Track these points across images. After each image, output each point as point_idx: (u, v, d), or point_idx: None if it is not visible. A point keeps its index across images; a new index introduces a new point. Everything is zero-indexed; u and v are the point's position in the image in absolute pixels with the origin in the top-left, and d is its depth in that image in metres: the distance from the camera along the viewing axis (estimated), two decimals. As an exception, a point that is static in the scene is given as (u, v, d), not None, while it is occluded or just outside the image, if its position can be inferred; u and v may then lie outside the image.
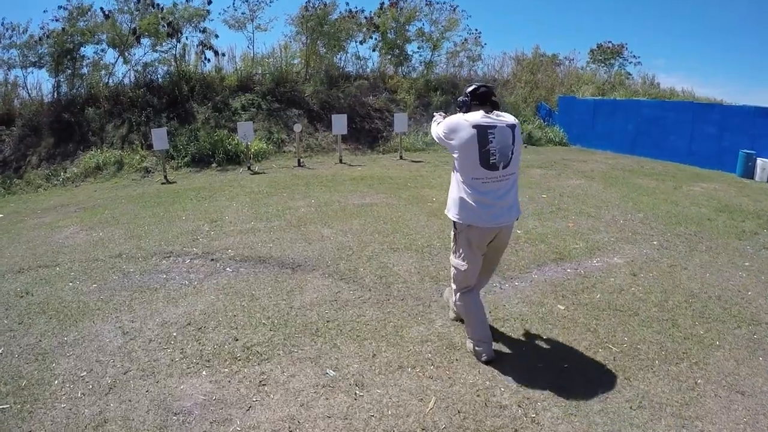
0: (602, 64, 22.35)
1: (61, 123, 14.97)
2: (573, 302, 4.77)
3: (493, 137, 3.23)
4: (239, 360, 3.81)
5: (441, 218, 7.19)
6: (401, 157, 13.28)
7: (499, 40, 43.76)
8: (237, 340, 4.10)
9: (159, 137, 11.75)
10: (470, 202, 3.33)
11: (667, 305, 4.71)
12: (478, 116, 3.30)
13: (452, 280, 3.78)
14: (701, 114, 14.09)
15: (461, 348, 3.89)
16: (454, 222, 3.52)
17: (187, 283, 5.38)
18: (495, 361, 3.67)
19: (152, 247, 6.61)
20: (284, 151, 13.95)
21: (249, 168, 12.37)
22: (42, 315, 4.75)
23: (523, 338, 4.10)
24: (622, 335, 4.12)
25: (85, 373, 3.72)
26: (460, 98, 3.50)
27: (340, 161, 12.92)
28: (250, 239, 6.70)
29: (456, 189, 3.45)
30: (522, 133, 15.21)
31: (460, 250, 3.55)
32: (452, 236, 3.64)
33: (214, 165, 12.97)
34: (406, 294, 4.93)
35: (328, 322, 4.37)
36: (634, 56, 22.25)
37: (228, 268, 5.72)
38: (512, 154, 3.33)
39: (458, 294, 3.74)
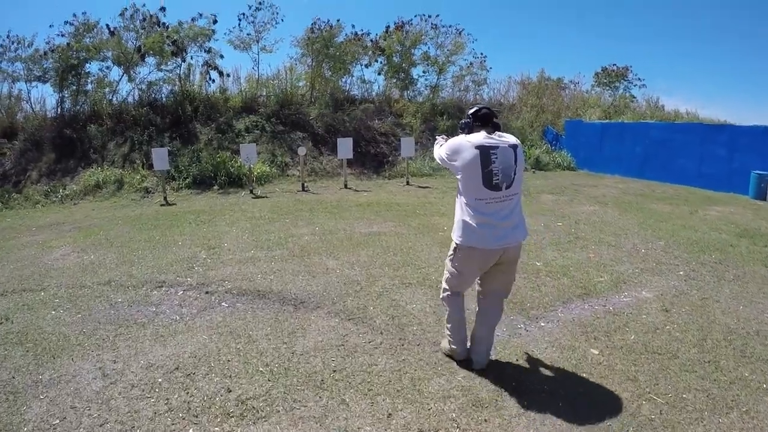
0: (607, 88, 22.01)
1: (63, 139, 14.57)
2: (607, 345, 4.20)
3: (496, 157, 3.20)
4: (232, 417, 3.22)
5: (454, 248, 6.68)
6: (408, 183, 12.78)
7: (502, 64, 43.54)
8: (230, 391, 3.51)
9: (160, 157, 11.26)
10: (473, 224, 3.28)
11: (706, 345, 4.19)
12: (480, 137, 3.28)
13: (444, 281, 3.73)
14: (710, 135, 13.69)
15: (489, 404, 3.30)
16: (456, 243, 3.44)
17: (178, 318, 4.81)
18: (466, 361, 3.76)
19: (144, 275, 6.05)
20: (288, 175, 13.45)
21: (251, 191, 11.86)
22: (19, 347, 4.24)
23: (558, 390, 3.51)
24: (665, 383, 3.58)
25: (57, 421, 3.19)
26: (462, 120, 3.48)
27: (345, 186, 12.40)
28: (249, 270, 6.14)
29: (460, 211, 3.39)
30: (530, 158, 15.09)
31: (457, 263, 3.52)
32: (452, 248, 3.53)
33: (215, 187, 12.46)
34: (422, 338, 4.33)
35: (334, 371, 3.76)
36: (639, 79, 21.96)
37: (224, 303, 5.14)
38: (515, 174, 3.28)
39: (446, 297, 3.74)
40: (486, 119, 3.38)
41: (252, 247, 7.13)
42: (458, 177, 3.35)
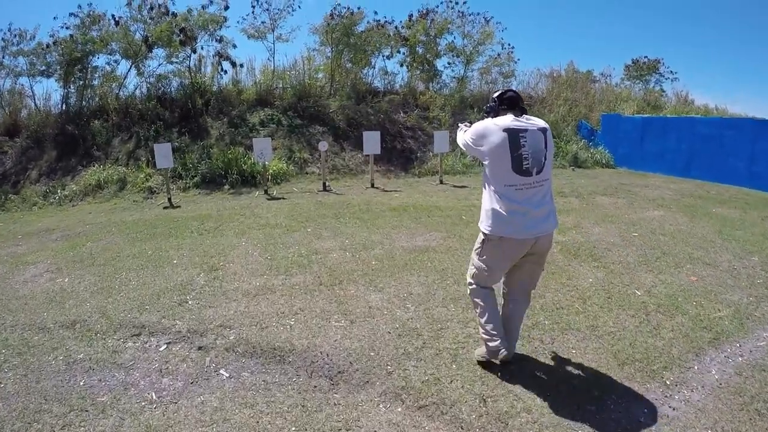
0: (637, 81, 19.95)
1: (65, 136, 12.85)
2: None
3: (525, 141, 2.85)
4: None
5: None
6: (441, 182, 10.84)
7: (528, 55, 40.48)
8: None
9: (162, 154, 9.44)
10: (503, 212, 2.87)
11: None
12: (508, 120, 2.91)
13: (469, 277, 3.25)
14: (763, 132, 11.71)
15: None
16: (485, 233, 2.98)
17: (154, 398, 3.02)
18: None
19: (120, 313, 4.26)
20: (306, 173, 11.56)
21: (266, 192, 10.00)
22: None
23: None
24: None
25: None
26: (488, 104, 3.12)
27: (372, 185, 10.49)
28: (260, 308, 4.29)
29: (488, 200, 2.96)
30: (567, 154, 13.13)
31: (485, 256, 3.05)
32: (479, 240, 3.08)
33: (226, 187, 10.63)
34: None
35: None
36: (671, 72, 19.88)
37: (222, 371, 3.31)
38: (545, 159, 2.91)
39: (475, 291, 3.21)
40: (512, 102, 3.02)
41: (265, 268, 5.28)
42: (485, 163, 2.99)
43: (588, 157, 14.29)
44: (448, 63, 16.59)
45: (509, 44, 16.87)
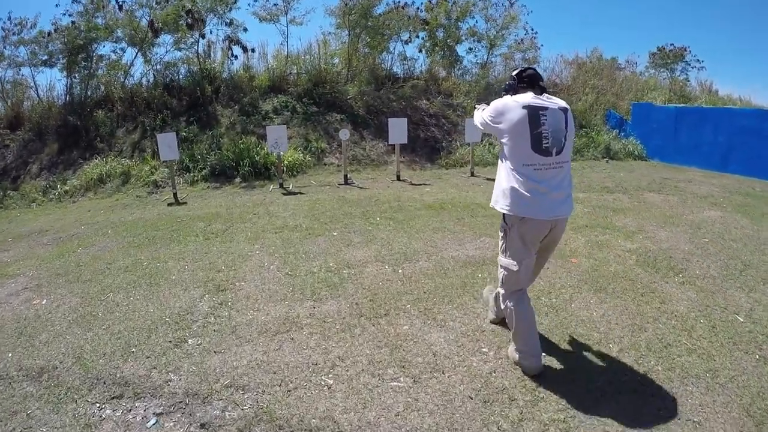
0: (663, 69, 18.50)
1: (68, 127, 11.65)
2: None
3: (545, 119, 2.61)
4: None
5: (624, 298, 3.72)
6: (473, 174, 9.56)
7: (550, 42, 38.01)
8: None
9: (166, 145, 8.24)
10: (523, 191, 2.62)
11: None
12: (528, 97, 2.67)
13: (500, 283, 2.92)
14: None
15: None
16: (504, 215, 2.75)
17: None
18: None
19: (99, 358, 3.11)
20: (325, 164, 10.30)
21: (281, 185, 8.76)
22: None
23: None
24: None
25: None
26: (507, 82, 2.88)
27: (398, 178, 9.21)
28: (284, 356, 3.07)
29: (506, 179, 2.71)
30: (599, 145, 11.84)
31: (512, 249, 2.78)
32: (501, 233, 2.83)
33: (237, 180, 9.41)
34: None
35: None
36: (698, 60, 18.36)
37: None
38: (565, 139, 2.66)
39: (507, 299, 2.87)
40: (532, 80, 2.76)
41: (286, 289, 4.07)
42: (503, 141, 2.70)
43: (620, 149, 12.99)
44: (470, 48, 15.27)
45: (532, 29, 15.49)
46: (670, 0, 42.63)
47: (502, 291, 2.93)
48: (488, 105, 2.89)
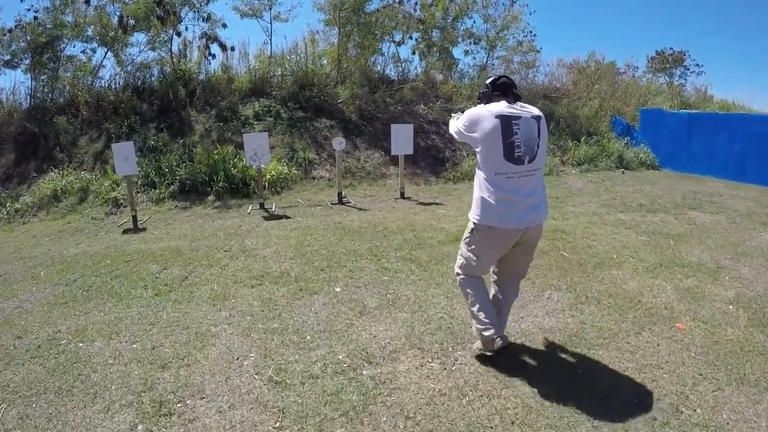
0: (662, 74, 17.21)
1: (26, 135, 9.71)
2: None
3: (518, 128, 2.52)
4: None
5: None
6: (489, 190, 7.91)
7: (544, 45, 35.95)
8: None
9: (123, 157, 6.44)
10: (492, 201, 2.53)
11: None
12: (501, 106, 2.56)
13: (456, 264, 2.85)
14: None
15: None
16: (474, 222, 2.63)
17: None
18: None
19: None
20: (313, 178, 8.52)
21: (262, 206, 6.98)
22: None
23: None
24: None
25: None
26: (480, 90, 2.79)
27: (402, 196, 7.47)
28: None
29: (478, 187, 2.63)
30: (612, 153, 10.34)
31: (474, 246, 2.68)
32: (468, 229, 2.71)
33: (210, 198, 7.61)
34: None
35: None
36: (698, 65, 17.16)
37: None
38: (538, 147, 2.58)
39: (463, 283, 2.81)
40: (506, 88, 2.64)
41: (272, 422, 2.31)
42: (477, 150, 2.62)
43: (632, 157, 11.52)
44: (466, 51, 13.65)
45: (531, 32, 13.92)
46: (664, 4, 41.56)
47: (459, 271, 2.84)
48: (463, 113, 2.77)
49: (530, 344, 2.99)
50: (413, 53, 12.99)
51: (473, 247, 2.69)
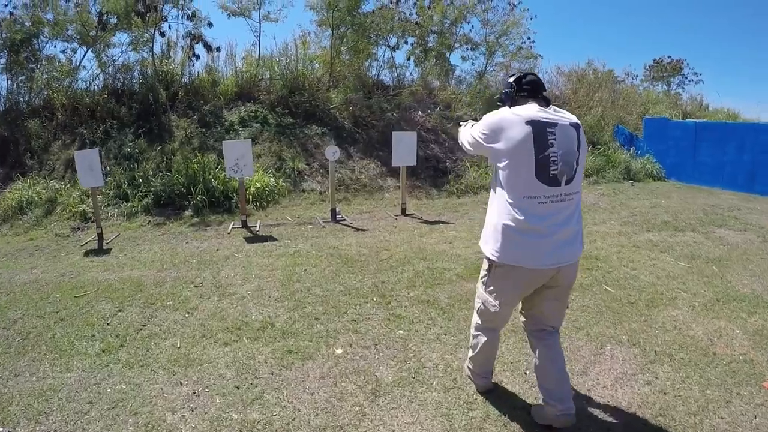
0: (659, 82, 16.62)
1: (-5, 140, 8.76)
2: None
3: (554, 138, 1.89)
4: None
5: None
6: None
7: (540, 51, 34.94)
8: None
9: (87, 166, 5.53)
10: (517, 232, 1.92)
11: None
12: (532, 110, 1.95)
13: (474, 312, 2.32)
14: None
15: None
16: (491, 260, 2.03)
17: None
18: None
19: None
20: (303, 190, 7.61)
21: (244, 224, 6.06)
22: None
23: None
24: None
25: None
26: (502, 91, 2.13)
27: (404, 212, 6.60)
28: None
29: (497, 213, 2.00)
30: (618, 164, 9.60)
31: (496, 287, 2.10)
32: (485, 266, 2.14)
33: (188, 213, 6.69)
34: None
35: None
36: (696, 74, 16.61)
37: None
38: (577, 164, 1.96)
39: (480, 332, 2.28)
40: (535, 88, 2.02)
41: None
42: (500, 166, 1.96)
43: (639, 168, 10.83)
44: (463, 57, 12.89)
45: (529, 38, 13.17)
46: (660, 14, 41.15)
47: (477, 320, 2.28)
48: (476, 121, 2.17)
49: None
50: (408, 58, 12.21)
51: (491, 287, 2.14)
